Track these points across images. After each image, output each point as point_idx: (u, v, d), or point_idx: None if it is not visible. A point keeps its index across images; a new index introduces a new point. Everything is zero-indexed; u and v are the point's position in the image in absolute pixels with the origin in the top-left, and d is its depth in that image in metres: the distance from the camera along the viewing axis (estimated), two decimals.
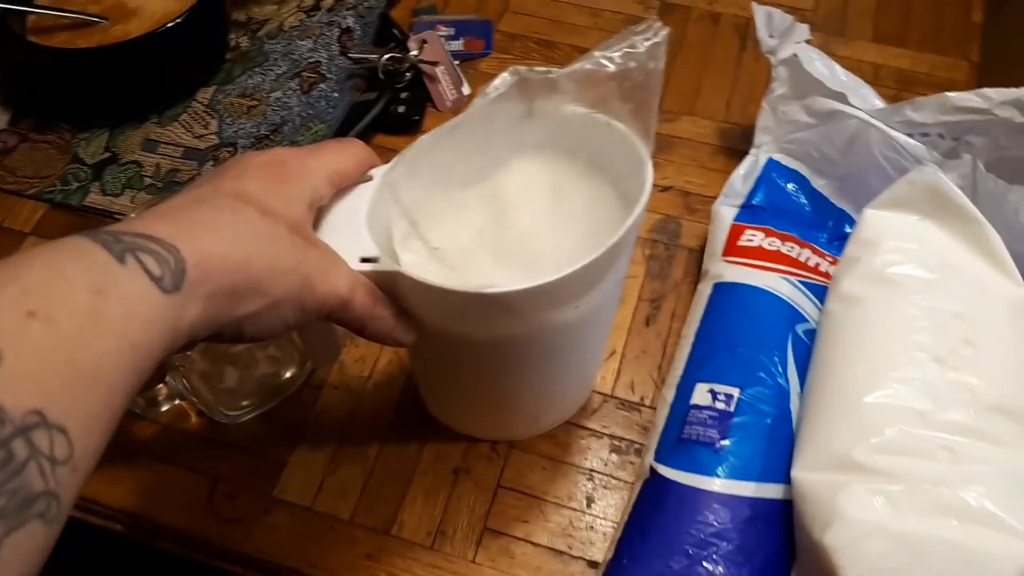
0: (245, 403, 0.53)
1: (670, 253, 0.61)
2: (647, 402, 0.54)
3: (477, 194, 0.41)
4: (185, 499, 0.51)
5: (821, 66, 0.56)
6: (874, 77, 0.70)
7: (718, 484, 0.44)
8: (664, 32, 0.37)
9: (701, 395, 0.48)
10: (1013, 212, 0.50)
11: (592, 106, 0.39)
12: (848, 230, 0.56)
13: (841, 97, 0.55)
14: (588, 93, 0.38)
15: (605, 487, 0.51)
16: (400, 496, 0.51)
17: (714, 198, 0.61)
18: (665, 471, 0.46)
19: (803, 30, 0.58)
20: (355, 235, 0.37)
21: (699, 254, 0.60)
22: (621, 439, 0.53)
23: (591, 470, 0.52)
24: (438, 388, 0.51)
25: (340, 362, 0.56)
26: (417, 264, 0.38)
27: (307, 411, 0.54)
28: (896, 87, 0.69)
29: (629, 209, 0.37)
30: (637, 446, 0.52)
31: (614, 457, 0.52)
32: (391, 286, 0.37)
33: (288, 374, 0.55)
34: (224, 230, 0.31)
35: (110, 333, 0.26)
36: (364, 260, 0.36)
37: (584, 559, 0.48)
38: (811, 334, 0.50)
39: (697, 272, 0.59)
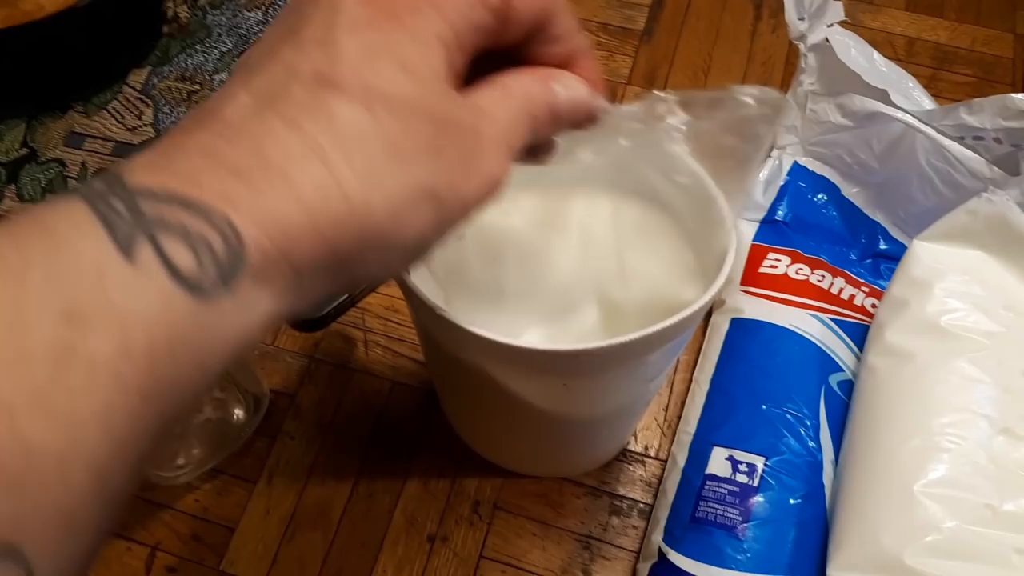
0: (181, 461, 0.46)
1: None
2: (652, 452, 0.47)
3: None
4: (119, 573, 0.44)
5: (858, 55, 0.48)
6: (908, 52, 0.61)
7: None
8: (780, 97, 0.29)
9: (719, 463, 0.41)
10: None
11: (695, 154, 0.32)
12: (883, 246, 0.49)
13: (882, 95, 0.46)
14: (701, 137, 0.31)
15: (604, 557, 0.44)
16: (366, 570, 0.44)
17: None
18: (676, 558, 0.39)
19: (836, 9, 0.49)
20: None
21: None
22: (623, 498, 0.46)
23: (588, 536, 0.45)
24: (463, 414, 0.44)
25: (297, 405, 0.49)
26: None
27: (259, 465, 0.47)
28: (932, 64, 0.61)
29: (702, 261, 0.33)
30: (641, 506, 0.45)
31: (614, 520, 0.45)
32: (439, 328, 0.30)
33: (236, 416, 0.48)
34: (308, 168, 0.18)
35: (80, 410, 0.15)
36: None
37: None
38: (847, 387, 0.42)
39: None
